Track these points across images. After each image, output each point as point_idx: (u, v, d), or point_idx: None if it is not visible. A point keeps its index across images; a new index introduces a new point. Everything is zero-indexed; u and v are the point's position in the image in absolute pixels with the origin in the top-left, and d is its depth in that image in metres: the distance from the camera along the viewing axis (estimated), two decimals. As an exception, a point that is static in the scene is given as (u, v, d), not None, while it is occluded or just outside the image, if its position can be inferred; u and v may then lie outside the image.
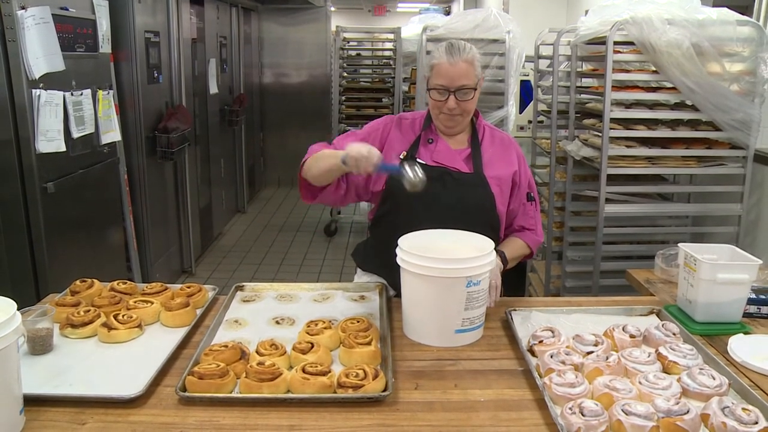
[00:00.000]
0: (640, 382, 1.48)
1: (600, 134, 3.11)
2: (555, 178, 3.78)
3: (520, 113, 5.31)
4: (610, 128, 3.04)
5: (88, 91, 3.38)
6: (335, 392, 1.46)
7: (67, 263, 3.25)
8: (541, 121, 4.44)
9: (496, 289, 1.89)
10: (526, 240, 2.14)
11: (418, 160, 2.01)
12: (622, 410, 1.35)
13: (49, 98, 3.04)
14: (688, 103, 3.11)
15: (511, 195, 2.09)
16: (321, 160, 1.92)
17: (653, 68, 3.02)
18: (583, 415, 1.34)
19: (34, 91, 2.96)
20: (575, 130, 3.53)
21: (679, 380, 1.51)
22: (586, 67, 3.66)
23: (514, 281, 2.16)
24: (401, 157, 2.00)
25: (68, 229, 3.31)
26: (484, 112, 4.37)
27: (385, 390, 1.46)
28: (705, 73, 2.88)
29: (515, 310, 1.92)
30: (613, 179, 3.17)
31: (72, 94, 3.24)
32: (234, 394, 1.47)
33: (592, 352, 1.63)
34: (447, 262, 1.69)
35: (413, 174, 1.78)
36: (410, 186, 1.78)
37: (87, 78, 3.42)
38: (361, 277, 2.24)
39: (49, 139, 3.06)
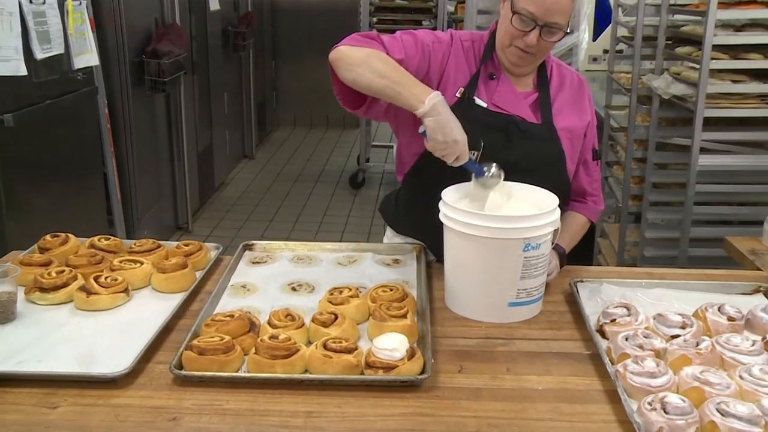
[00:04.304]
0: (740, 377, 1.47)
1: (698, 66, 3.03)
2: (635, 122, 3.71)
3: (594, 41, 5.21)
4: (712, 58, 2.96)
5: (53, 0, 3.31)
6: (362, 373, 1.48)
7: (32, 215, 3.28)
8: (621, 51, 4.35)
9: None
10: (587, 214, 2.13)
11: (476, 100, 1.95)
12: (717, 410, 1.33)
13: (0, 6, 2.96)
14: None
15: None
16: (385, 76, 1.76)
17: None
18: (666, 412, 1.33)
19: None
20: (665, 61, 3.46)
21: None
22: (684, -22, 3.55)
23: (580, 246, 2.14)
24: (457, 95, 1.95)
25: (34, 173, 3.33)
26: (549, 39, 4.29)
27: (422, 372, 1.48)
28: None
29: (582, 281, 1.91)
30: (711, 123, 3.10)
31: (31, 2, 3.16)
32: (241, 374, 1.49)
33: (678, 335, 1.62)
34: (501, 220, 1.68)
35: (492, 174, 1.83)
36: (480, 184, 1.84)
37: (51, -19, 3.35)
38: (392, 239, 2.24)
39: (4, 59, 2.99)
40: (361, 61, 1.80)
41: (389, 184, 6.61)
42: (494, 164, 1.81)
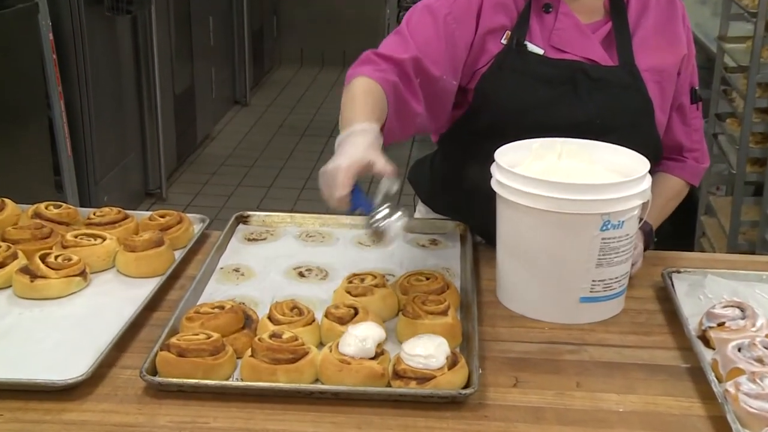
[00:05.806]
0: None
1: None
2: (761, 60, 3.68)
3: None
4: None
5: None
6: (389, 385, 1.50)
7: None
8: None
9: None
10: (685, 176, 2.12)
11: (528, 45, 1.95)
12: None
13: None
14: None
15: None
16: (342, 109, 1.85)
17: None
18: (795, 450, 1.34)
19: None
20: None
21: None
22: None
23: (677, 222, 2.14)
24: (503, 41, 1.94)
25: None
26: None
27: (467, 386, 1.49)
28: None
29: (679, 271, 1.91)
30: None
31: None
32: (232, 382, 1.52)
33: (812, 347, 1.62)
34: (573, 189, 1.68)
35: (375, 219, 1.63)
36: (373, 239, 1.69)
37: None
38: (426, 215, 2.27)
39: None
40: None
41: (422, 141, 6.56)
42: (400, 210, 1.64)
